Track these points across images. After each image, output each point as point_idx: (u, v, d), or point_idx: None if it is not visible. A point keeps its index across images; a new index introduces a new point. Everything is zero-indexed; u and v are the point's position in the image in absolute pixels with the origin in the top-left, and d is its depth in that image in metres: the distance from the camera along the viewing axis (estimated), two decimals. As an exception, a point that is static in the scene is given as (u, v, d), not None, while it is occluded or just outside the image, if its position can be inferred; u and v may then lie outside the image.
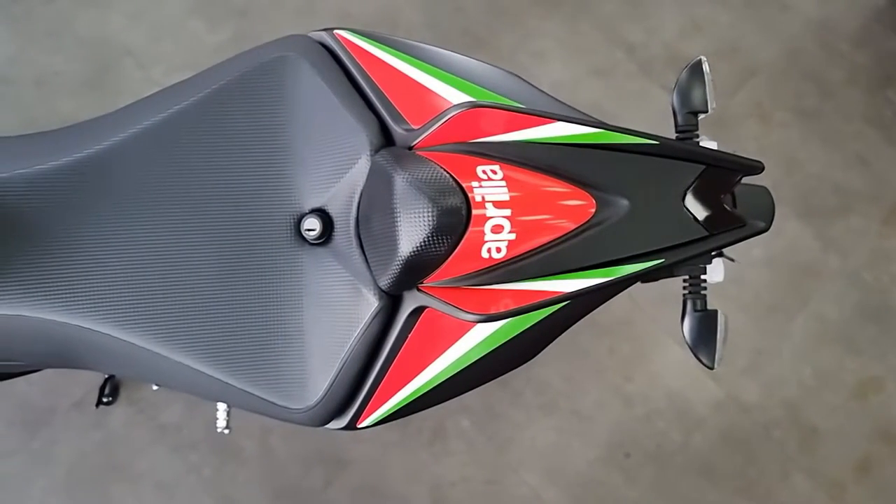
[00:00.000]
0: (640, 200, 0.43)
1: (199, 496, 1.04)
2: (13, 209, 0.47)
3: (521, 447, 1.11)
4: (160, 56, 1.23)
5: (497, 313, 0.42)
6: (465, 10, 1.36)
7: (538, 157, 0.42)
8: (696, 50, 1.39)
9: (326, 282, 0.48)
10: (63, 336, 0.48)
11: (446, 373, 0.47)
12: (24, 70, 1.19)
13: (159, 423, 1.06)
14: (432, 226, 0.39)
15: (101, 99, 1.19)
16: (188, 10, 1.26)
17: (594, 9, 1.40)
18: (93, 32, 1.22)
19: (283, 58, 0.49)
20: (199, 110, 0.49)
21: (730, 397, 1.17)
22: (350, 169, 0.46)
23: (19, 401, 1.04)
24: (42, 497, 1.01)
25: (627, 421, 1.14)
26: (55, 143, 0.49)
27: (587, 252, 0.42)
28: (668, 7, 1.42)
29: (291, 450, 1.07)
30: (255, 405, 0.49)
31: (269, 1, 1.29)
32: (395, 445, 1.09)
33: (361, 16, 1.31)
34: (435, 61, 0.48)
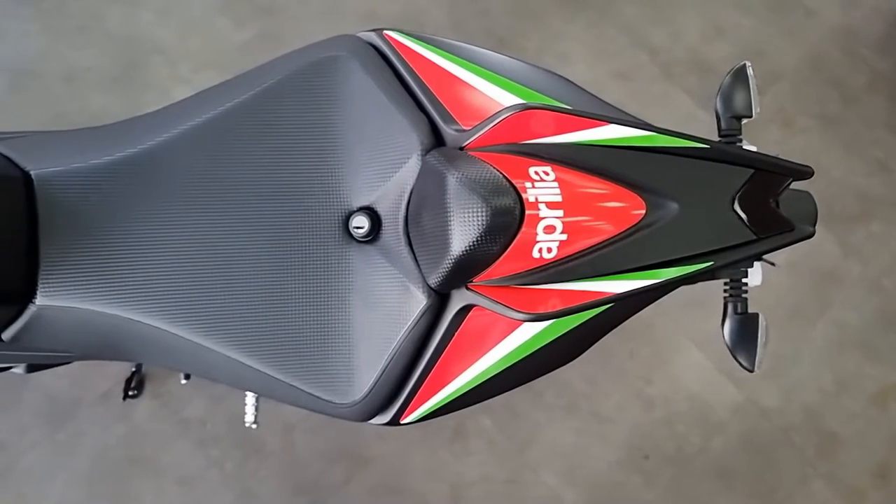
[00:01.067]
0: (690, 203, 0.44)
1: (221, 491, 1.05)
2: (68, 203, 0.48)
3: (542, 447, 1.11)
4: (187, 53, 1.24)
5: (547, 313, 0.42)
6: (489, 12, 1.36)
7: (589, 159, 0.43)
8: (719, 54, 1.39)
9: (374, 279, 0.48)
10: (113, 328, 0.49)
11: (490, 371, 0.47)
12: (55, 65, 1.20)
13: (183, 418, 1.07)
14: (486, 225, 0.40)
15: (129, 95, 1.20)
16: (216, 7, 1.27)
17: (618, 12, 1.40)
18: (122, 28, 1.23)
19: (333, 57, 0.50)
20: (251, 107, 0.50)
21: (750, 402, 1.17)
22: (400, 168, 0.47)
23: (46, 393, 1.05)
24: (65, 489, 1.02)
25: (647, 423, 1.14)
26: (110, 138, 0.50)
27: (636, 254, 0.43)
28: (691, 11, 1.42)
29: (313, 446, 1.08)
30: (301, 399, 0.50)
31: (296, 0, 1.30)
32: (416, 443, 1.10)
33: (387, 16, 1.32)
34: (483, 62, 0.48)
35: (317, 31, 1.30)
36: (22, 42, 1.20)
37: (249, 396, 0.87)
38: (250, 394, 0.87)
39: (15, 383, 1.04)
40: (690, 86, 1.35)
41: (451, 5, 1.35)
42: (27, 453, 1.03)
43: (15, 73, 1.18)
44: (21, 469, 1.02)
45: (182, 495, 1.04)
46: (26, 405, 1.04)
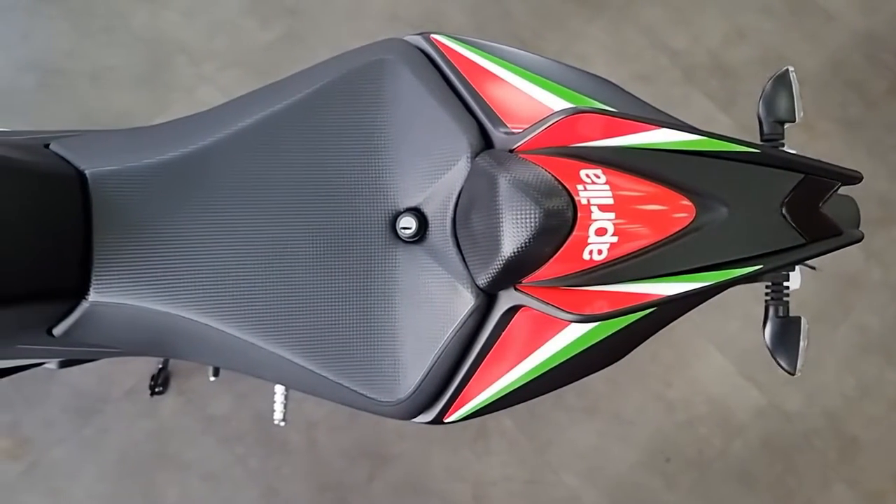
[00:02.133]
0: (740, 207, 0.44)
1: (245, 487, 1.06)
2: (122, 201, 0.49)
3: (562, 449, 1.12)
4: (212, 53, 1.25)
5: (597, 314, 0.43)
6: (510, 14, 1.37)
7: (639, 162, 0.43)
8: (740, 57, 1.39)
9: (421, 279, 0.49)
10: (163, 325, 0.50)
11: (535, 371, 0.48)
12: (81, 63, 1.21)
13: (207, 414, 1.08)
14: (539, 227, 0.40)
15: (154, 94, 1.22)
16: (241, 8, 1.28)
17: (638, 14, 1.40)
18: (148, 28, 1.25)
19: (381, 61, 0.50)
20: (300, 109, 0.50)
21: (771, 405, 1.17)
22: (448, 170, 0.47)
23: (73, 388, 1.06)
24: (92, 483, 1.04)
25: (668, 426, 1.15)
26: (162, 138, 0.51)
27: (686, 257, 0.43)
28: (712, 14, 1.42)
29: (336, 444, 1.09)
30: (346, 397, 0.50)
31: (320, 1, 1.31)
32: (438, 442, 1.10)
33: (409, 17, 1.32)
34: (529, 66, 0.49)
35: (340, 33, 1.31)
36: (50, 41, 1.21)
37: (278, 394, 0.87)
38: (279, 391, 0.87)
39: (42, 378, 1.05)
40: (711, 89, 1.36)
41: (473, 7, 1.36)
42: (55, 447, 1.04)
43: (43, 71, 1.20)
44: (49, 463, 1.03)
45: (207, 491, 1.05)
46: (54, 400, 1.06)
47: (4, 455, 1.03)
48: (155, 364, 1.06)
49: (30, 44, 1.21)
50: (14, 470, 1.02)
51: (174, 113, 1.21)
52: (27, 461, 1.03)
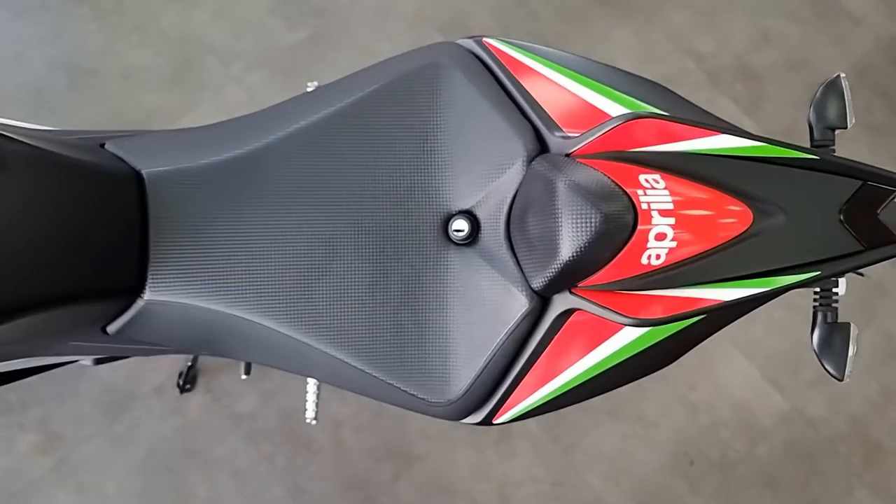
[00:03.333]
0: (798, 213, 0.44)
1: (272, 485, 1.06)
2: (177, 201, 0.49)
3: (587, 451, 1.12)
4: (240, 53, 1.26)
5: (655, 319, 0.43)
6: (536, 16, 1.37)
7: (697, 167, 0.44)
8: (765, 61, 1.39)
9: (473, 281, 0.49)
10: (215, 324, 0.50)
11: (586, 374, 0.48)
12: (112, 63, 1.22)
13: (235, 412, 1.09)
14: (599, 232, 0.41)
15: (183, 94, 1.23)
16: (269, 8, 1.29)
17: (664, 17, 1.40)
18: (177, 28, 1.26)
19: (435, 64, 0.51)
20: (354, 112, 0.51)
21: (795, 410, 1.17)
22: (502, 174, 0.48)
23: (103, 385, 1.07)
24: (122, 479, 1.05)
25: (692, 429, 1.15)
26: (216, 139, 0.51)
27: (743, 262, 0.43)
28: (738, 18, 1.42)
29: (361, 443, 1.09)
30: (396, 397, 0.51)
31: (347, 3, 1.32)
32: (463, 443, 1.11)
33: (435, 18, 1.33)
34: (583, 69, 0.49)
35: (367, 34, 1.32)
36: (81, 40, 1.23)
37: (310, 393, 0.88)
38: (311, 390, 0.88)
39: (72, 375, 1.06)
40: (737, 93, 1.35)
41: (499, 9, 1.36)
42: (85, 443, 1.05)
43: (74, 70, 1.21)
44: (79, 459, 1.04)
45: (235, 488, 1.06)
46: (83, 396, 1.07)
47: (35, 450, 1.04)
48: (183, 361, 1.07)
49: (61, 43, 1.22)
50: (44, 465, 1.04)
51: (202, 112, 1.22)
52: (57, 457, 1.04)
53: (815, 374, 1.19)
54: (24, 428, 1.04)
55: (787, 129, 1.36)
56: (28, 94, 1.19)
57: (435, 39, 1.35)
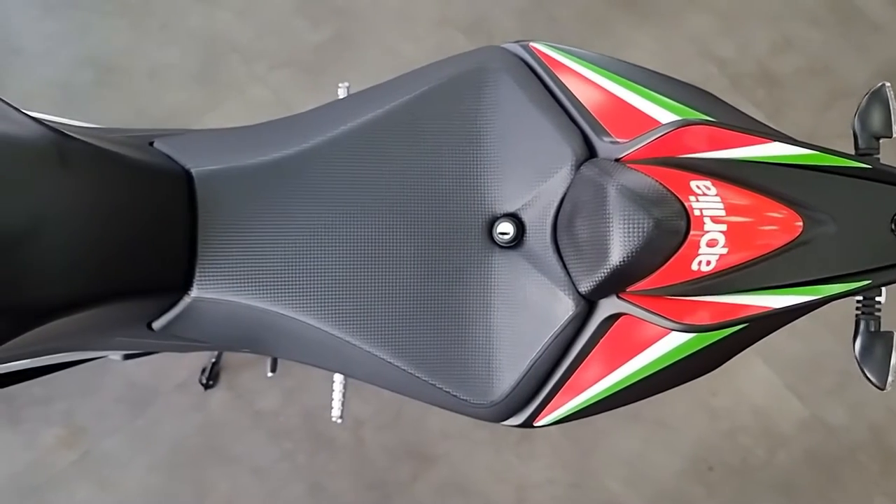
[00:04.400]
0: (849, 222, 0.44)
1: (293, 482, 1.07)
2: (226, 200, 0.50)
3: (606, 454, 1.12)
4: (264, 52, 1.27)
5: (705, 325, 0.43)
6: (558, 20, 1.37)
7: (748, 174, 0.44)
8: (788, 67, 1.39)
9: (518, 283, 0.49)
10: (260, 321, 0.51)
11: (630, 379, 0.48)
12: (137, 60, 1.23)
13: (256, 410, 1.10)
14: (652, 238, 0.41)
15: (207, 92, 1.23)
16: (293, 8, 1.29)
17: (686, 22, 1.40)
18: (202, 27, 1.26)
19: (482, 68, 0.51)
20: (400, 115, 0.51)
21: (815, 418, 1.17)
22: (549, 178, 0.48)
23: (127, 380, 1.08)
24: (145, 474, 1.05)
25: (712, 435, 1.15)
26: (265, 139, 0.52)
27: (793, 270, 0.43)
28: (760, 23, 1.42)
29: (381, 442, 1.10)
30: (438, 397, 0.51)
31: (370, 3, 1.33)
32: (482, 444, 1.11)
33: (458, 21, 1.33)
34: (630, 75, 0.50)
35: (390, 35, 1.32)
36: (108, 38, 1.24)
37: (336, 392, 0.88)
38: (337, 389, 0.88)
39: (96, 369, 1.07)
40: (759, 98, 1.35)
41: (520, 12, 1.37)
42: (108, 437, 1.06)
43: (100, 67, 1.22)
44: (102, 453, 1.05)
45: (256, 485, 1.06)
46: (107, 391, 1.07)
47: (59, 443, 1.05)
48: (207, 358, 1.07)
49: (88, 40, 1.23)
50: (67, 458, 1.04)
51: (225, 111, 1.23)
52: (80, 450, 1.05)
53: (836, 382, 1.19)
54: (49, 421, 1.05)
55: (810, 136, 1.35)
56: (56, 90, 1.20)
57: (457, 41, 1.35)
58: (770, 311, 0.44)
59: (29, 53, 1.21)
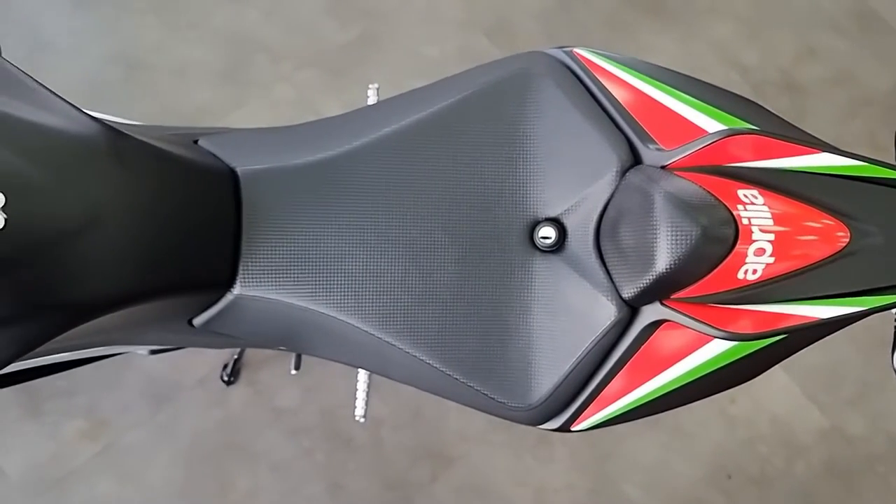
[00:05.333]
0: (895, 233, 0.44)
1: (311, 480, 1.08)
2: (270, 199, 0.50)
3: (624, 459, 1.12)
4: (290, 52, 1.28)
5: (751, 334, 0.43)
6: (580, 23, 1.37)
7: (795, 185, 0.44)
8: (811, 76, 1.38)
9: (559, 288, 0.50)
10: (300, 320, 0.51)
11: (669, 386, 0.48)
12: (166, 57, 1.24)
13: (275, 407, 1.10)
14: (700, 247, 0.41)
15: (233, 90, 1.24)
16: (320, 8, 1.30)
17: (709, 28, 1.40)
18: (230, 26, 1.27)
19: (525, 73, 0.51)
20: (444, 118, 0.52)
21: (834, 428, 1.16)
22: (593, 184, 0.48)
23: (149, 375, 1.09)
24: (165, 468, 1.06)
25: (730, 443, 1.14)
26: (308, 139, 0.52)
27: (839, 280, 0.44)
28: (784, 31, 1.41)
29: (400, 442, 1.10)
30: (475, 399, 0.51)
31: (397, 5, 1.33)
32: (501, 446, 1.11)
33: (482, 23, 1.34)
34: (674, 82, 0.50)
35: (415, 37, 1.33)
36: (137, 34, 1.25)
37: (360, 391, 0.89)
38: (361, 388, 0.89)
39: (118, 363, 1.08)
40: (782, 107, 1.35)
41: (544, 16, 1.37)
42: (130, 431, 1.06)
43: (129, 63, 1.23)
44: (123, 446, 1.06)
45: (275, 482, 1.07)
46: (129, 385, 1.08)
47: (81, 436, 1.06)
48: (229, 354, 1.08)
49: (118, 36, 1.24)
50: (89, 451, 1.05)
51: (251, 109, 1.24)
52: (102, 443, 1.06)
53: (856, 392, 1.19)
54: (71, 414, 1.06)
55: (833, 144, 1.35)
56: (84, 85, 1.21)
57: (481, 44, 1.36)
58: (814, 322, 0.44)
59: (58, 48, 1.22)
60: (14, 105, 0.40)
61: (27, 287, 0.38)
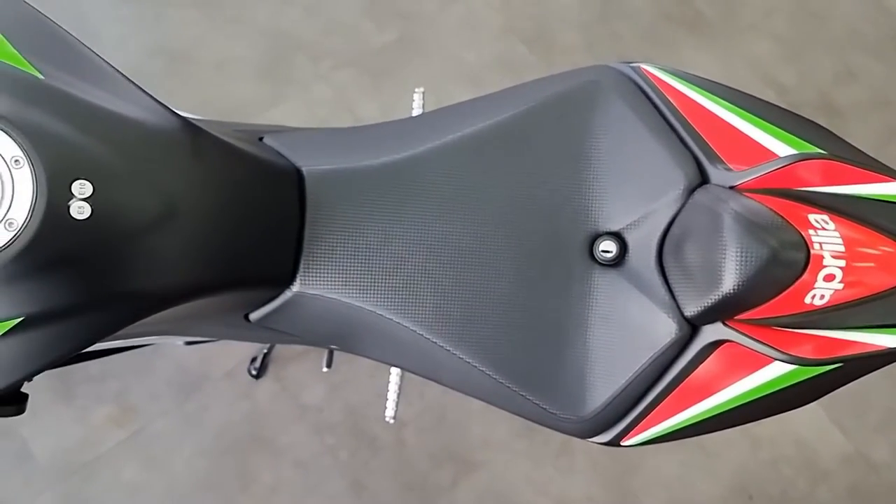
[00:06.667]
0: (966, 265, 0.44)
1: (333, 478, 1.08)
2: (334, 199, 0.51)
3: (646, 475, 1.12)
4: (329, 51, 1.29)
5: (813, 358, 0.43)
6: (621, 37, 1.38)
7: (865, 212, 0.44)
8: (849, 99, 1.38)
9: (618, 302, 0.50)
10: (356, 320, 0.52)
11: (724, 406, 0.48)
12: (207, 51, 1.25)
13: (301, 403, 1.11)
14: (769, 268, 0.41)
15: (272, 87, 1.25)
16: (360, 9, 1.31)
17: (748, 46, 1.40)
18: (271, 22, 1.29)
19: (592, 86, 0.52)
20: (507, 128, 0.52)
21: (859, 453, 1.15)
22: (658, 200, 0.48)
23: (178, 364, 1.10)
24: (190, 457, 1.07)
25: (753, 463, 1.14)
26: (373, 141, 0.53)
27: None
28: (822, 52, 1.41)
29: (423, 445, 1.10)
30: (526, 408, 0.51)
31: (435, 9, 1.34)
32: (523, 454, 1.11)
33: (521, 31, 1.34)
34: (741, 103, 0.50)
35: (453, 42, 1.33)
36: (180, 27, 1.26)
37: (392, 392, 0.89)
38: (392, 389, 0.89)
39: (151, 350, 1.09)
40: (819, 128, 1.34)
41: (583, 28, 1.37)
42: (158, 419, 1.07)
43: (170, 56, 1.24)
44: (151, 433, 1.07)
45: (297, 477, 1.07)
46: (159, 374, 1.09)
47: (110, 421, 1.07)
48: (259, 348, 1.09)
49: (161, 28, 1.26)
50: (117, 437, 1.06)
51: (289, 107, 1.25)
52: (131, 429, 1.07)
53: (881, 419, 1.18)
54: (102, 399, 1.07)
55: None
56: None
57: (519, 52, 1.36)
58: (878, 351, 0.44)
59: (103, 38, 1.23)
60: (100, 95, 0.41)
61: (104, 277, 0.39)
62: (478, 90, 1.31)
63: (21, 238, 0.35)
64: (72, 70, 0.41)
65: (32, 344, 0.38)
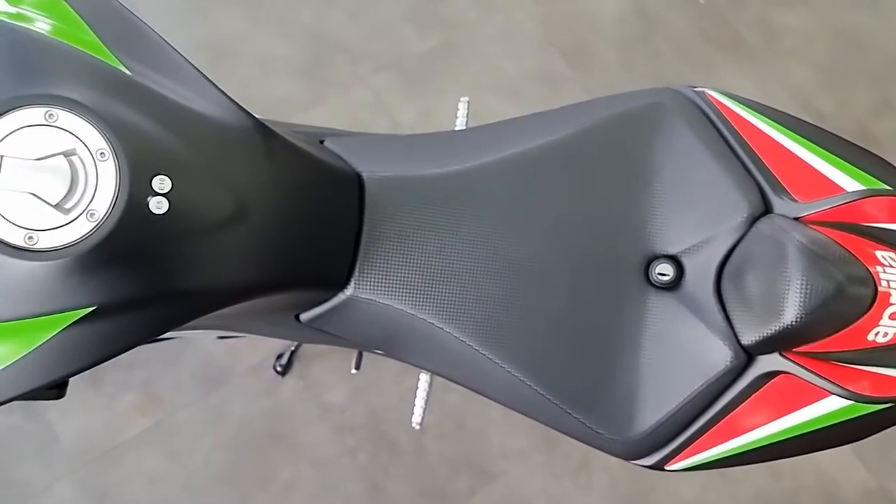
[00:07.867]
0: None
1: (351, 479, 1.08)
2: (392, 205, 0.51)
3: (663, 496, 1.11)
4: (370, 54, 1.29)
5: (872, 396, 0.43)
6: (660, 54, 1.37)
7: (933, 251, 0.44)
8: (886, 130, 1.37)
9: (672, 326, 0.50)
10: (406, 326, 0.52)
11: (772, 438, 0.48)
12: (250, 48, 1.27)
13: (324, 402, 1.11)
14: (834, 303, 0.41)
15: (311, 87, 1.26)
16: (402, 14, 1.32)
17: (788, 72, 1.39)
18: (314, 23, 1.30)
19: (655, 108, 0.52)
20: (569, 145, 0.52)
21: (881, 488, 1.14)
22: (719, 226, 0.48)
23: (204, 357, 1.11)
24: (210, 450, 1.07)
25: (773, 492, 1.13)
26: (435, 151, 0.53)
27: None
28: (861, 81, 1.40)
29: (442, 452, 1.10)
30: (570, 426, 0.51)
31: (476, 18, 1.34)
32: (541, 467, 1.11)
33: (560, 45, 1.34)
34: (807, 134, 0.50)
35: (493, 51, 1.34)
36: (225, 23, 1.27)
37: (419, 398, 0.89)
38: (420, 395, 0.89)
39: (178, 343, 1.10)
40: (855, 157, 1.33)
41: (623, 44, 1.37)
42: (181, 410, 1.08)
43: (214, 51, 1.26)
44: (174, 424, 1.08)
45: (316, 476, 1.08)
46: (185, 365, 1.10)
47: (134, 409, 1.07)
48: (285, 346, 1.09)
49: (207, 23, 1.27)
50: (141, 425, 1.07)
51: (328, 107, 1.26)
52: (154, 418, 1.07)
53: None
54: (128, 387, 1.08)
55: None
56: (170, 67, 1.23)
57: (557, 64, 1.36)
58: (940, 391, 0.43)
59: (148, 29, 1.25)
60: (181, 93, 0.42)
61: (175, 272, 0.40)
62: (515, 100, 1.32)
63: (101, 229, 0.36)
64: (155, 66, 0.42)
65: (102, 333, 0.39)
